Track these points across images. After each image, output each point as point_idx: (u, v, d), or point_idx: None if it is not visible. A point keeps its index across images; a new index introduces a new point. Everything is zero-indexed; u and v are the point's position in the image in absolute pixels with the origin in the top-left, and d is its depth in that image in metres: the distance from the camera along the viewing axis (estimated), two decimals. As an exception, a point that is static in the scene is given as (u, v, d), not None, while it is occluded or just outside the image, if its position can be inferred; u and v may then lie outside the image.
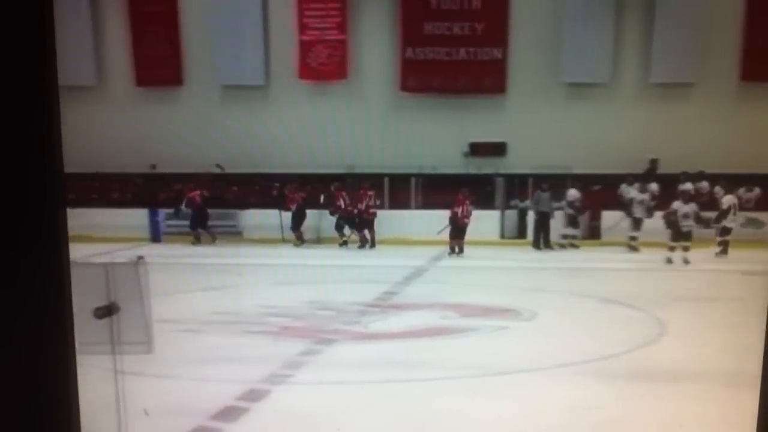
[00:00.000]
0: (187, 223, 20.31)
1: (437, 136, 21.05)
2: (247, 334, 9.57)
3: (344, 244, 19.27)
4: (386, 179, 20.73)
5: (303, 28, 22.07)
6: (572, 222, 18.69)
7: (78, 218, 15.47)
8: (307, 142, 20.92)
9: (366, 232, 19.16)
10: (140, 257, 3.97)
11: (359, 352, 8.87)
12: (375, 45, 22.01)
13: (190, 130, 21.58)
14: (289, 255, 17.87)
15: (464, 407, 6.63)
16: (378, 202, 19.59)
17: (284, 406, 6.78)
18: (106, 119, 22.08)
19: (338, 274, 15.22)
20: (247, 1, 22.00)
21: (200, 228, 20.03)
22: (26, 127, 1.56)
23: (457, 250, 18.08)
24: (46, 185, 1.62)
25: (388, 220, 19.29)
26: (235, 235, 20.29)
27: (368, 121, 21.58)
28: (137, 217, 20.51)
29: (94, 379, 6.91)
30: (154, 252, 17.48)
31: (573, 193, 18.74)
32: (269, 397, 6.94)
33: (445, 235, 18.31)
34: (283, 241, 19.46)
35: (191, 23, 22.29)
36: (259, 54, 22.22)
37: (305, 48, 22.15)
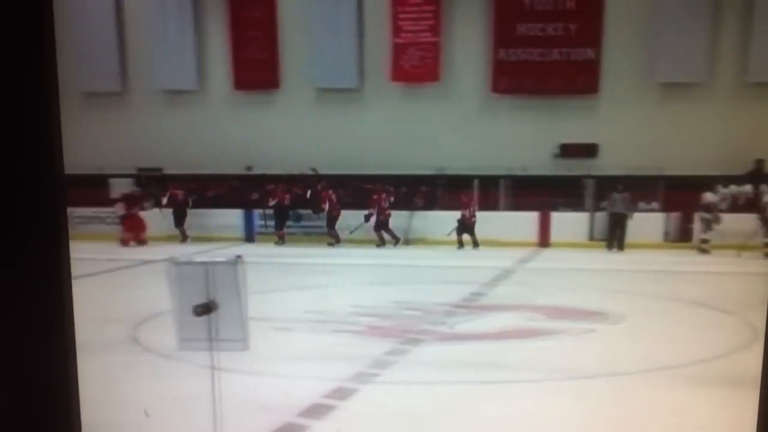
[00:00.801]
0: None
1: (527, 137, 20.92)
2: (336, 333, 9.65)
3: (336, 243, 20.05)
4: (476, 181, 20.72)
5: (397, 31, 22.22)
6: (708, 226, 18.25)
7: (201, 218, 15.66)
8: (398, 144, 21.11)
9: (384, 232, 19.79)
10: (239, 256, 4.06)
11: (445, 352, 8.85)
12: (467, 47, 21.98)
13: (286, 132, 22.09)
14: (378, 255, 18.07)
15: (549, 410, 6.58)
16: (389, 203, 20.08)
17: (371, 404, 6.82)
18: (206, 122, 22.88)
19: (426, 274, 15.32)
20: (343, 5, 22.30)
21: (180, 226, 20.76)
22: (24, 129, 1.52)
23: (472, 245, 18.93)
24: (44, 182, 1.55)
25: (477, 222, 19.28)
26: (324, 235, 20.67)
27: (458, 122, 21.62)
28: (232, 217, 21.19)
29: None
30: (248, 252, 17.92)
31: (709, 197, 18.29)
32: (356, 395, 6.98)
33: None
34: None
35: (288, 27, 22.71)
36: (353, 57, 22.48)
37: (398, 51, 22.29)
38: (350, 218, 19.97)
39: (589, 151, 21.06)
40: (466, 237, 19.03)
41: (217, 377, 4.23)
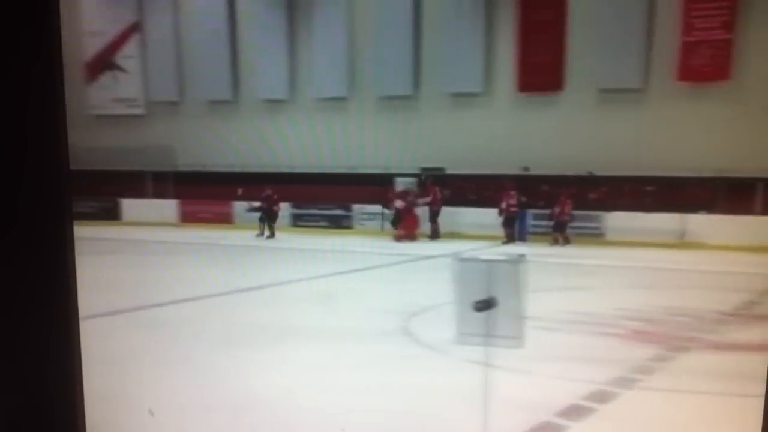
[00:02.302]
0: (551, 223, 21.08)
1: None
2: (600, 335, 9.50)
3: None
4: (760, 184, 19.48)
5: (687, 28, 21.34)
6: None
7: (453, 216, 16.66)
8: (680, 145, 20.36)
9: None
10: (521, 255, 4.14)
11: (715, 362, 8.45)
12: (761, 43, 20.61)
13: (565, 133, 22.01)
14: (647, 259, 17.43)
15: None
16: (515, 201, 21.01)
17: (631, 410, 6.69)
18: (487, 123, 23.37)
19: (699, 280, 14.72)
20: (634, 5, 21.80)
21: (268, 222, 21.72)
22: (29, 128, 1.47)
23: (561, 242, 20.25)
24: (51, 178, 1.51)
25: (750, 225, 18.19)
26: (597, 236, 20.51)
27: (746, 122, 20.34)
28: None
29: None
30: (518, 251, 18.20)
31: None
32: (617, 400, 6.87)
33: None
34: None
35: (575, 28, 22.56)
36: (639, 57, 21.90)
37: (688, 49, 21.41)
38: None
39: None
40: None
41: (486, 373, 4.33)
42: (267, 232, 22.25)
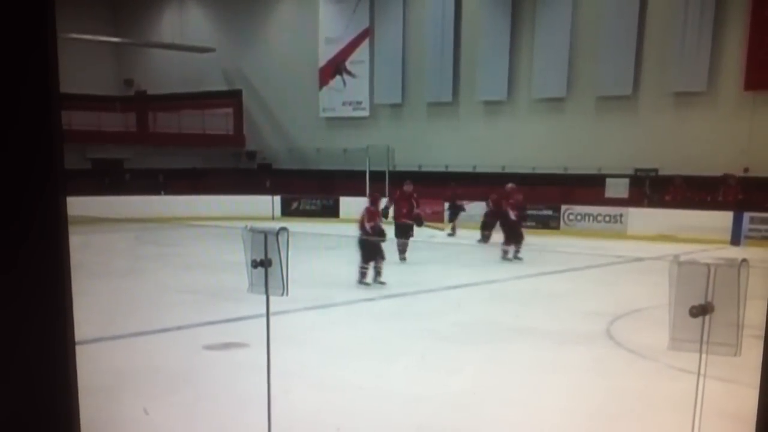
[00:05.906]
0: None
1: None
2: None
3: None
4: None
5: None
6: None
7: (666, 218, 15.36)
8: None
9: None
10: (744, 260, 3.74)
11: None
12: None
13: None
14: None
15: None
16: None
17: None
18: (708, 123, 21.91)
19: None
20: None
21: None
22: (28, 125, 1.40)
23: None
24: (47, 174, 1.44)
25: None
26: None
27: None
28: (720, 219, 19.72)
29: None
30: (733, 255, 16.59)
31: None
32: None
33: None
34: None
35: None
36: None
37: None
38: None
39: None
40: None
41: (697, 380, 3.92)
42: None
